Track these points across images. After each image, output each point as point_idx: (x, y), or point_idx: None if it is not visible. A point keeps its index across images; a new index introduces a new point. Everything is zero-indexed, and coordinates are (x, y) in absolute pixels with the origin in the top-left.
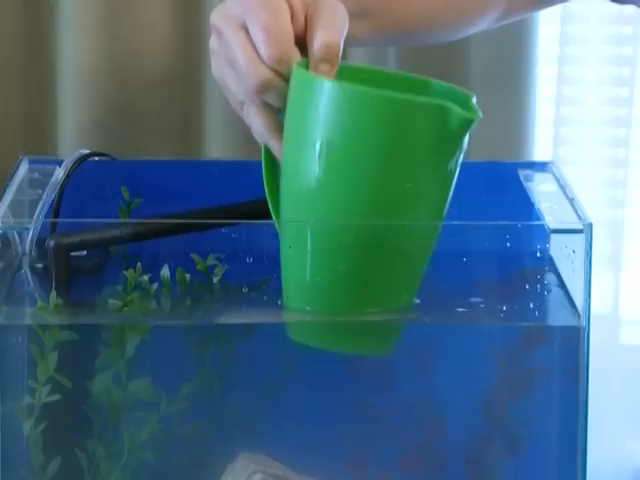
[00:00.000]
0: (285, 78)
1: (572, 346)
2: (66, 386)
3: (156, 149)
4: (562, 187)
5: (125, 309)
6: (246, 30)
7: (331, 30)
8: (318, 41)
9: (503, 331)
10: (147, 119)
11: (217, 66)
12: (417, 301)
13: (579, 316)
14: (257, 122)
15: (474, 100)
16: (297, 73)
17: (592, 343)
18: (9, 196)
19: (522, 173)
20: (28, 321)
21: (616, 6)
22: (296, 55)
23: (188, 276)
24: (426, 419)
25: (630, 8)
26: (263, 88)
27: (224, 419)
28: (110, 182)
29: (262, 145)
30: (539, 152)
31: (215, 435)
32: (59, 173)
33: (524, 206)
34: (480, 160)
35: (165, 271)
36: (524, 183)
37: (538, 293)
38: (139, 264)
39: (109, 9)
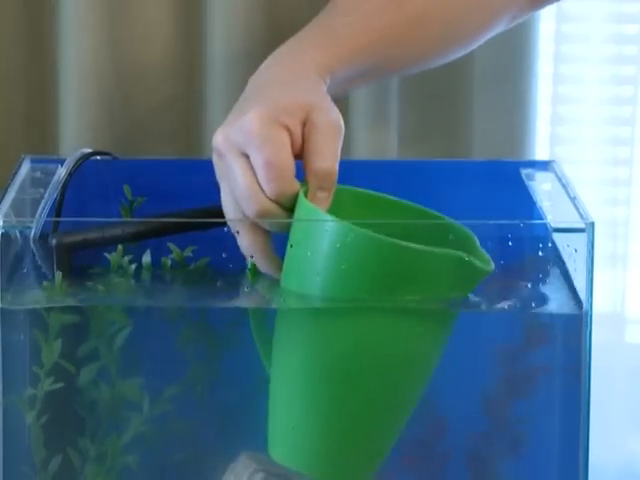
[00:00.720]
0: (283, 207)
1: (574, 343)
2: (70, 371)
3: (157, 148)
4: (564, 186)
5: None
6: (247, 156)
7: (326, 159)
8: (315, 171)
9: (505, 325)
10: (148, 118)
11: (219, 178)
12: None
13: (582, 313)
14: (247, 240)
15: (477, 242)
16: (303, 205)
17: (597, 342)
18: (11, 195)
19: (524, 172)
20: (30, 307)
21: (617, 5)
22: (296, 188)
23: (169, 261)
24: (429, 415)
25: (634, 6)
26: (261, 216)
27: (226, 417)
28: (112, 181)
29: (249, 261)
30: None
31: (217, 434)
32: (61, 172)
33: (526, 205)
34: (482, 159)
35: (147, 257)
36: (526, 182)
37: (541, 288)
38: (120, 246)
39: (110, 9)
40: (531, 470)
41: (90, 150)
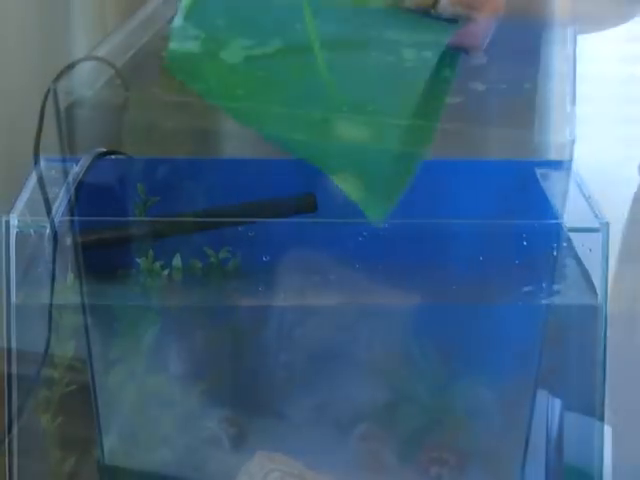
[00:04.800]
0: None
1: (589, 340)
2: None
3: (172, 148)
4: (579, 186)
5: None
6: None
7: None
8: None
9: (520, 322)
10: (163, 117)
11: None
12: None
13: (598, 311)
14: None
15: None
16: None
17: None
18: (26, 195)
19: (539, 172)
20: (44, 305)
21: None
22: None
23: (200, 264)
24: (447, 414)
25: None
26: None
27: (241, 415)
28: (126, 180)
29: None
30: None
31: (232, 432)
32: (75, 171)
33: (541, 205)
34: (497, 158)
35: (177, 261)
36: (541, 182)
37: (556, 286)
38: (151, 251)
39: (119, 7)
40: (545, 470)
41: (104, 149)
